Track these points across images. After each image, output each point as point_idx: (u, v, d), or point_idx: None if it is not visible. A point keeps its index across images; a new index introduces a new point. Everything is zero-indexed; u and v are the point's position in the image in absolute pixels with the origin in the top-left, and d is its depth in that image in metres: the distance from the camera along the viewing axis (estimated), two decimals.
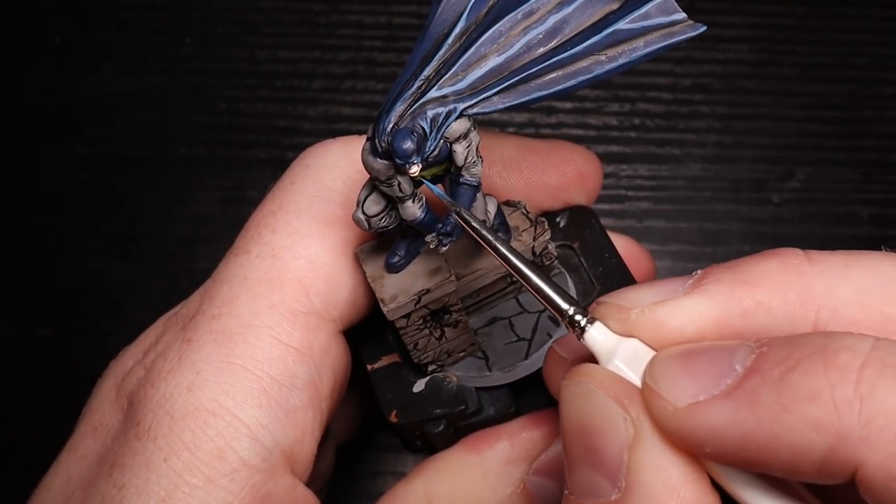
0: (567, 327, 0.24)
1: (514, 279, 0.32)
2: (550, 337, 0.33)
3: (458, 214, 0.26)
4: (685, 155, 0.55)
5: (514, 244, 0.30)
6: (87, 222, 0.53)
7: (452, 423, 0.33)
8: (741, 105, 0.56)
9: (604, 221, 0.36)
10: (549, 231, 0.30)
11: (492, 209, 0.29)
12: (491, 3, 0.26)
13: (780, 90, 0.56)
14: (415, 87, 0.25)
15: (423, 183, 0.26)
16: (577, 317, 0.24)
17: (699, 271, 0.24)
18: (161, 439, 0.27)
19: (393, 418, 0.32)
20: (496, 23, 0.25)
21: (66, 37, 0.59)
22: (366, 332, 0.33)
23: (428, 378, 0.33)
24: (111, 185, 0.54)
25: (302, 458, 0.29)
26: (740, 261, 0.24)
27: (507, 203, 0.31)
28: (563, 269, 0.34)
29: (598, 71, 0.25)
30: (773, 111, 0.56)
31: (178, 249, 0.53)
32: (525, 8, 0.25)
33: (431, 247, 0.27)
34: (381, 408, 0.33)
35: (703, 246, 0.52)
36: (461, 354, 0.33)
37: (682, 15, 0.25)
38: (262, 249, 0.30)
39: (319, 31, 0.59)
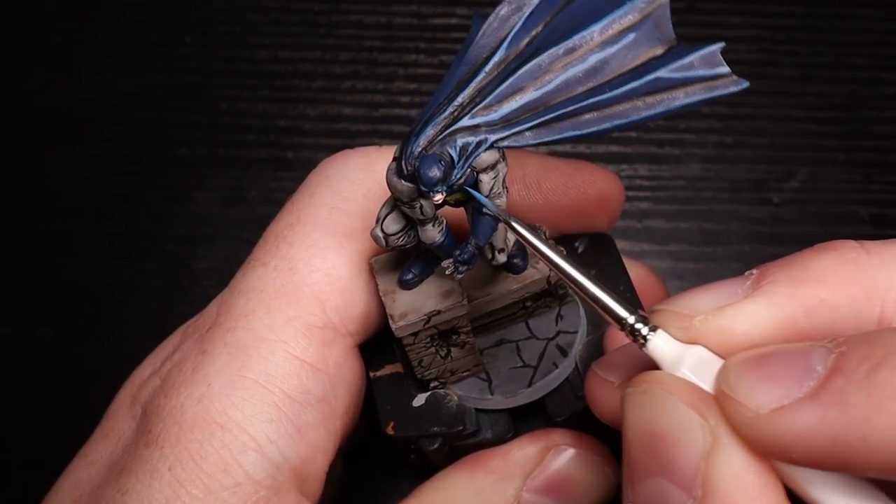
0: (628, 336, 0.23)
1: (528, 304, 0.32)
2: (556, 367, 0.32)
3: (509, 224, 0.25)
4: (685, 155, 0.55)
5: (531, 270, 0.30)
6: (87, 222, 0.53)
7: (448, 441, 0.32)
8: (741, 105, 0.56)
9: None
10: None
11: (511, 237, 0.28)
12: (533, 33, 0.25)
13: (780, 90, 0.56)
14: (447, 112, 0.25)
15: (444, 206, 0.26)
16: (639, 325, 0.23)
17: (754, 271, 0.24)
18: (168, 448, 0.27)
19: (390, 430, 0.32)
20: (536, 55, 0.25)
21: (66, 37, 0.59)
22: (373, 338, 0.32)
23: (429, 393, 0.32)
24: (111, 185, 0.54)
25: (312, 476, 0.29)
26: (795, 257, 0.24)
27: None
28: (576, 298, 0.33)
29: (635, 117, 0.25)
30: (773, 111, 0.56)
31: (178, 249, 0.53)
32: (568, 44, 0.25)
33: (447, 273, 0.27)
34: (378, 418, 0.32)
35: (703, 246, 0.52)
36: (465, 374, 0.32)
37: (727, 69, 0.24)
38: (280, 262, 0.30)
39: (319, 31, 0.59)
